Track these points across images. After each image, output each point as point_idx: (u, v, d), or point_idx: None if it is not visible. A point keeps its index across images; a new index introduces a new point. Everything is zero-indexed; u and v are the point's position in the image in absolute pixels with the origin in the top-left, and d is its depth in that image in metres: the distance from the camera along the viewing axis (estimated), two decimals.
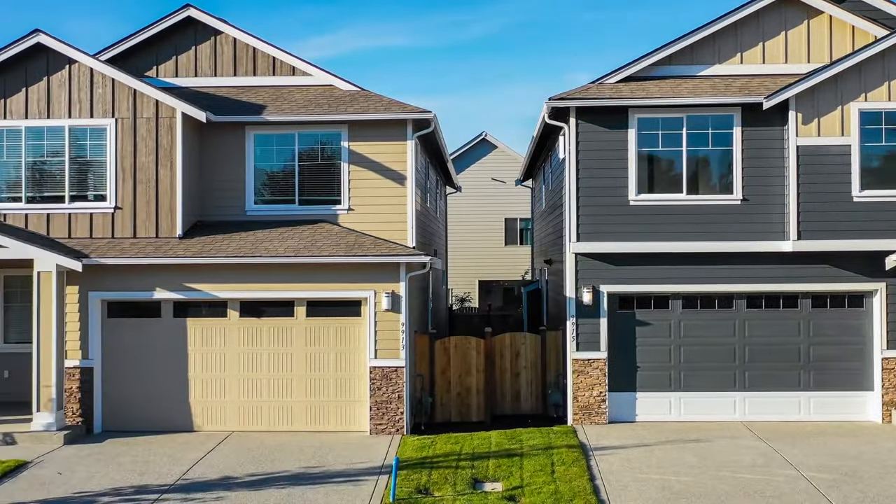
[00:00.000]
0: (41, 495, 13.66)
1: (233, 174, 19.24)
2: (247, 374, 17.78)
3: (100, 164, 18.51)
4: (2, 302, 20.12)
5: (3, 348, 20.13)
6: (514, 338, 20.18)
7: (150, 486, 14.12)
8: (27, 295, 19.93)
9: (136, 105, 18.41)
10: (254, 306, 17.83)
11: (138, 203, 18.39)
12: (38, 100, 18.54)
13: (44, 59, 18.52)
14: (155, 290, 17.59)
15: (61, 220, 18.48)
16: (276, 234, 18.40)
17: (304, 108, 19.19)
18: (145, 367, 17.83)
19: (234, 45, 20.60)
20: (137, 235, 18.39)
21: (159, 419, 17.73)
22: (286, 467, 15.18)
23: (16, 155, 18.59)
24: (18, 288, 20.12)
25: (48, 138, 18.54)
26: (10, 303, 20.26)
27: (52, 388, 17.09)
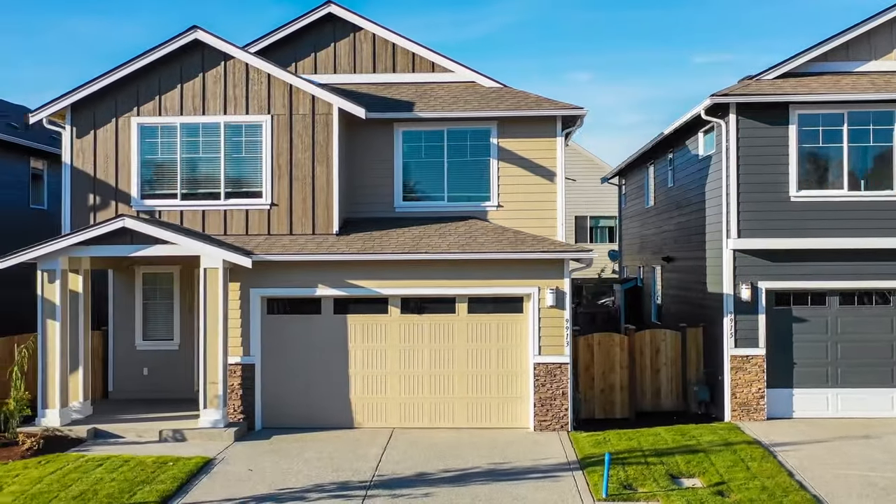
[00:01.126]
0: (247, 492, 13.65)
1: (381, 171, 19.23)
2: (407, 370, 17.74)
3: (255, 160, 18.50)
4: (141, 300, 20.09)
5: (141, 345, 20.10)
6: (653, 334, 20.13)
7: (351, 483, 14.11)
8: (165, 292, 20.03)
9: (293, 101, 18.40)
10: (415, 303, 17.79)
11: (294, 200, 18.37)
12: (192, 96, 18.53)
13: (199, 56, 18.50)
14: (317, 287, 17.55)
15: (216, 216, 18.47)
16: (432, 230, 18.38)
17: (454, 104, 19.17)
18: (305, 364, 17.80)
19: (373, 41, 20.59)
20: (294, 232, 18.38)
21: (319, 416, 17.70)
22: (474, 463, 15.15)
23: (171, 152, 18.58)
24: (157, 285, 20.11)
25: (203, 135, 18.54)
26: (147, 300, 20.23)
27: (219, 385, 17.08)
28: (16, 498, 13.22)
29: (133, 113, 18.55)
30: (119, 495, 13.36)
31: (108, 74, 18.32)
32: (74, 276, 17.59)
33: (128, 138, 18.55)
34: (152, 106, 18.55)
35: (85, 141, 18.60)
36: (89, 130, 18.59)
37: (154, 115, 18.53)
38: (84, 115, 18.58)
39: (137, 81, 18.51)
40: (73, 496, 13.31)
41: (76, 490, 13.57)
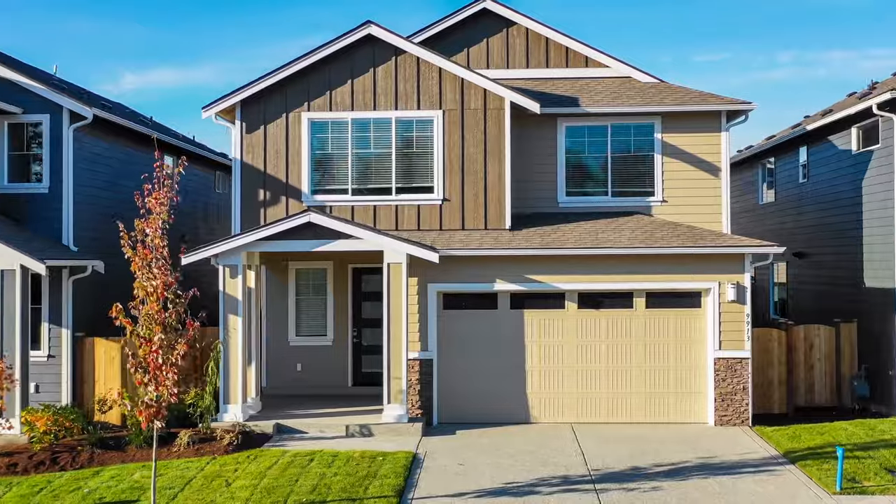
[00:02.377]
0: (472, 486, 13.64)
1: (543, 166, 19.21)
2: (584, 365, 17.74)
3: (426, 156, 18.50)
4: (294, 296, 20.11)
5: (294, 341, 20.12)
6: (807, 330, 20.06)
7: (571, 477, 14.10)
8: (318, 288, 20.02)
9: (464, 95, 18.39)
10: (592, 298, 17.77)
11: (466, 195, 18.37)
12: (363, 91, 18.52)
13: (370, 50, 18.50)
14: (495, 282, 17.54)
15: (388, 212, 18.48)
16: (602, 224, 18.37)
17: (617, 99, 19.15)
18: (480, 359, 17.79)
19: (526, 35, 20.57)
20: (466, 227, 18.38)
21: (495, 411, 17.69)
22: (680, 458, 15.13)
23: (341, 147, 18.59)
24: (310, 281, 20.12)
25: (374, 130, 18.52)
26: (300, 296, 20.23)
27: (402, 381, 17.09)
28: (252, 492, 13.24)
29: (303, 108, 18.55)
30: (352, 489, 13.38)
31: (278, 71, 18.32)
32: (247, 271, 17.61)
33: (298, 134, 18.55)
34: (323, 101, 18.55)
35: (254, 137, 18.61)
36: (259, 126, 18.59)
37: (324, 111, 18.53)
38: (254, 111, 18.59)
39: (308, 77, 18.51)
40: (307, 489, 13.34)
41: (307, 484, 13.59)
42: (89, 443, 15.64)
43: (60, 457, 15.12)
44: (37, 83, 18.09)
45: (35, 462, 14.90)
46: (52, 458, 15.06)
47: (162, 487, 13.60)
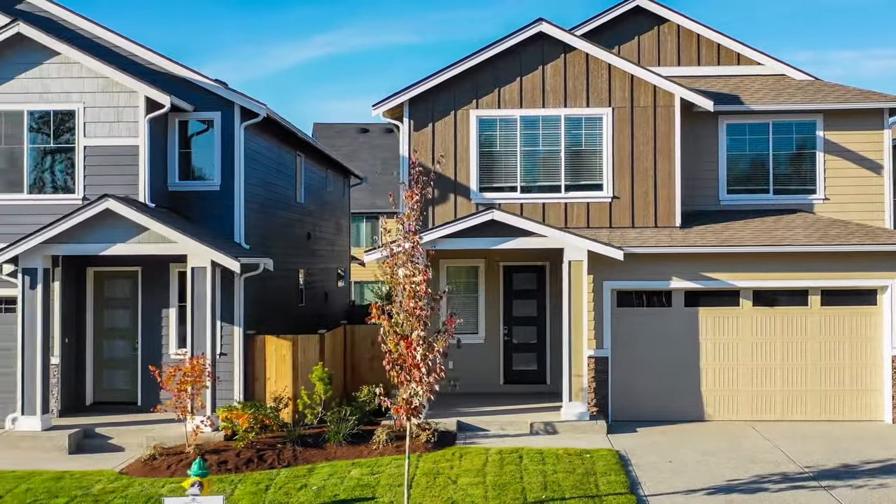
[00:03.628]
0: (699, 483, 13.62)
1: (705, 163, 19.20)
2: (758, 362, 17.73)
3: (594, 153, 18.50)
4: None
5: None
6: None
7: (789, 474, 14.09)
8: (470, 286, 20.07)
9: (633, 92, 18.38)
10: (766, 295, 17.76)
11: (636, 193, 18.37)
12: (532, 89, 18.53)
13: (539, 48, 18.50)
14: (671, 280, 17.54)
15: (557, 209, 18.48)
16: (770, 222, 18.37)
17: (778, 96, 19.15)
18: (654, 357, 17.79)
19: (678, 33, 20.56)
20: (635, 225, 18.38)
21: (668, 408, 17.69)
22: (884, 455, 15.12)
23: (510, 145, 18.59)
24: (461, 279, 20.11)
25: (543, 128, 18.53)
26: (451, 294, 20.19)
27: (584, 378, 17.11)
28: (484, 489, 13.26)
29: (472, 106, 18.55)
30: (581, 486, 13.39)
31: (446, 70, 18.35)
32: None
33: (466, 131, 18.55)
34: (491, 99, 18.55)
35: (422, 134, 18.61)
36: (427, 124, 18.60)
37: (493, 108, 18.54)
38: (421, 109, 18.59)
39: (475, 75, 18.51)
40: (538, 486, 13.37)
41: (535, 481, 13.61)
42: (289, 440, 15.65)
43: (266, 454, 15.13)
44: (208, 80, 18.09)
45: (243, 460, 14.92)
46: (259, 455, 15.07)
47: (388, 485, 13.63)
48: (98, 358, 18.32)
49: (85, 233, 16.29)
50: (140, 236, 16.32)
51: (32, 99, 17.20)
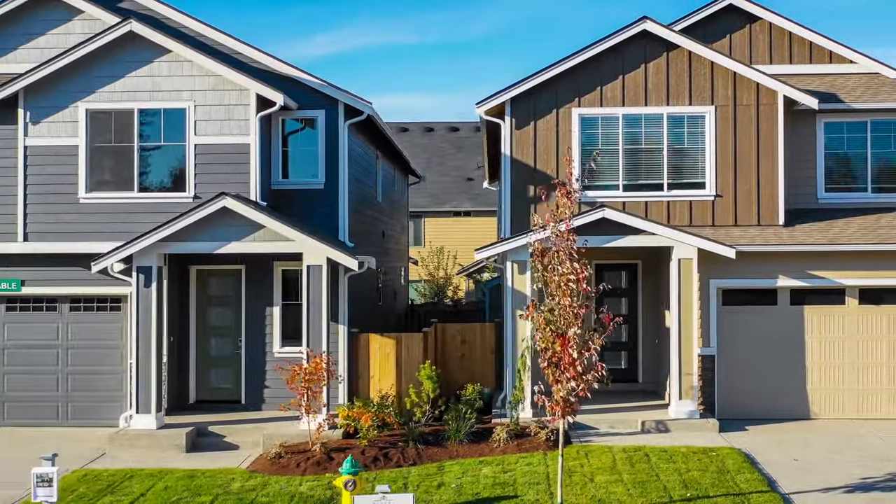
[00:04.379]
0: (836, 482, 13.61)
1: (803, 162, 19.16)
2: (864, 361, 17.69)
3: (697, 151, 18.48)
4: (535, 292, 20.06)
5: None
6: None
7: None
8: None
9: (736, 90, 18.35)
10: (872, 294, 17.73)
11: (739, 191, 18.35)
12: (634, 87, 18.51)
13: (641, 46, 18.48)
14: (777, 278, 17.52)
15: (659, 207, 18.46)
16: (876, 220, 18.36)
17: (876, 95, 19.14)
18: (758, 355, 17.76)
19: (769, 31, 20.53)
20: (739, 223, 18.35)
21: (773, 406, 17.65)
22: None
23: (611, 143, 18.57)
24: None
25: (645, 126, 18.51)
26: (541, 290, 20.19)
27: (694, 377, 17.10)
28: (625, 487, 13.27)
29: (573, 104, 18.53)
30: (719, 484, 13.41)
31: (548, 69, 18.33)
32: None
33: (568, 129, 18.53)
34: (592, 97, 18.53)
35: (524, 133, 18.60)
36: (528, 122, 18.58)
37: (594, 106, 18.52)
38: (522, 108, 18.57)
39: (577, 73, 18.49)
40: (676, 484, 13.41)
41: (671, 479, 13.63)
42: (410, 438, 15.64)
43: (390, 452, 15.12)
44: (315, 78, 18.08)
45: (370, 458, 14.91)
46: (384, 454, 15.06)
47: (526, 483, 13.63)
48: (201, 356, 18.30)
49: (200, 231, 16.28)
50: (255, 234, 16.32)
51: (142, 97, 17.18)
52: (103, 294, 17.84)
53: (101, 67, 17.17)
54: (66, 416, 17.96)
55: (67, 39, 18.12)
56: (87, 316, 17.99)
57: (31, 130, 17.22)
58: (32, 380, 17.94)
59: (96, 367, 17.90)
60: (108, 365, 17.89)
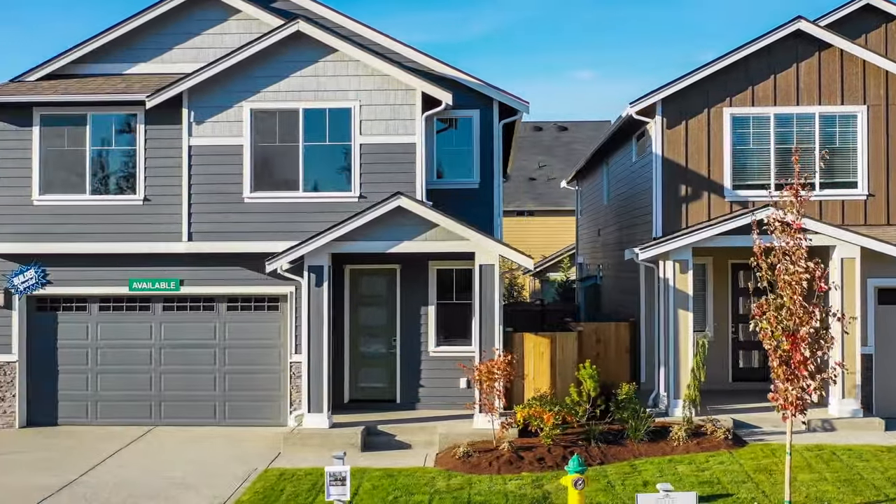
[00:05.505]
0: None
1: None
2: None
3: (849, 151, 18.52)
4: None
5: None
6: None
7: None
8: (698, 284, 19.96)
9: (888, 90, 18.38)
10: None
11: (891, 190, 18.40)
12: (786, 86, 18.54)
13: (793, 45, 18.51)
14: None
15: (810, 207, 18.28)
16: None
17: None
18: None
19: None
20: (891, 222, 18.38)
21: None
22: None
23: (763, 142, 18.61)
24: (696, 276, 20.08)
25: (797, 125, 18.54)
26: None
27: (857, 375, 17.13)
28: (836, 486, 13.30)
29: (724, 104, 18.58)
30: None
31: (700, 70, 18.43)
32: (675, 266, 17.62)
33: (719, 129, 18.57)
34: (743, 97, 18.58)
35: (674, 133, 18.64)
36: (679, 122, 18.62)
37: (746, 106, 18.57)
38: (672, 108, 18.64)
39: (728, 73, 18.54)
40: (882, 482, 13.47)
41: (875, 477, 13.76)
42: (591, 437, 15.67)
43: (575, 451, 15.11)
44: (471, 77, 18.11)
45: (557, 456, 14.92)
46: (570, 452, 15.05)
47: (732, 481, 13.65)
48: (354, 356, 18.31)
49: (372, 230, 16.31)
50: (427, 234, 16.35)
51: (307, 97, 17.20)
52: (261, 293, 17.89)
53: (265, 67, 17.18)
54: (224, 416, 18.00)
55: (223, 39, 18.20)
56: (245, 315, 18.03)
57: (195, 130, 17.25)
58: (189, 379, 17.98)
59: (254, 366, 17.94)
60: (265, 364, 17.93)
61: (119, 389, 18.06)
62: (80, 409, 18.11)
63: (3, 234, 17.79)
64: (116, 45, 18.33)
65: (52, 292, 17.99)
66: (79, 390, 18.10)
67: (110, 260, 17.78)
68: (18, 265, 17.91)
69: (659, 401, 18.00)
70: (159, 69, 18.36)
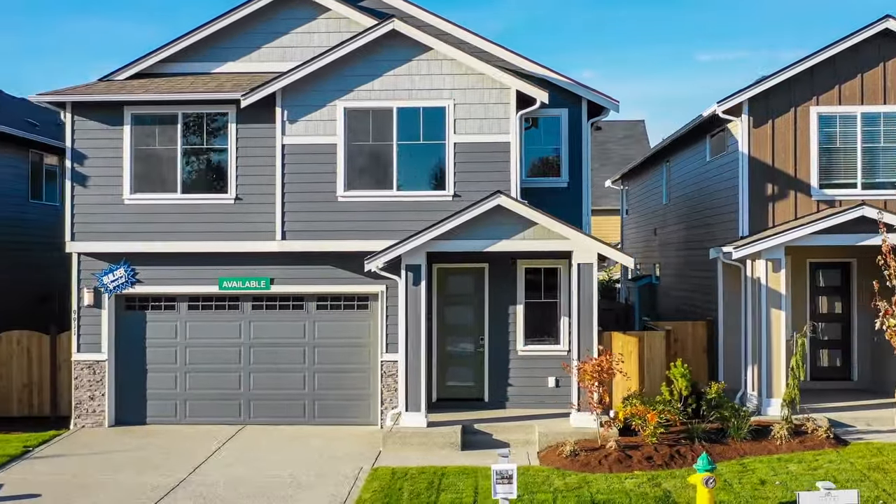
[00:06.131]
0: None
1: None
2: None
3: None
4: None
5: None
6: None
7: None
8: None
9: None
10: None
11: None
12: (872, 85, 18.53)
13: (877, 45, 18.51)
14: None
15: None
16: None
17: None
18: None
19: None
20: None
21: None
22: None
23: (850, 141, 18.59)
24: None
25: (884, 124, 18.54)
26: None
27: None
28: None
29: (811, 103, 18.57)
30: None
31: (787, 69, 18.37)
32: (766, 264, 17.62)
33: (806, 128, 18.56)
34: (829, 96, 18.57)
35: (760, 132, 18.63)
36: (765, 121, 18.61)
37: (832, 105, 18.55)
38: (759, 107, 18.61)
39: (814, 73, 18.53)
40: None
41: None
42: (693, 436, 15.66)
43: (680, 450, 15.13)
44: (560, 76, 18.12)
45: (664, 455, 14.92)
46: (676, 451, 15.07)
47: (845, 480, 13.63)
48: (441, 354, 18.30)
49: (470, 229, 16.31)
50: (524, 232, 16.35)
51: (401, 96, 17.19)
52: (351, 292, 17.90)
53: (359, 66, 17.17)
54: (313, 415, 18.01)
55: (311, 38, 18.20)
56: (334, 314, 18.04)
57: (288, 129, 17.24)
58: (278, 378, 18.00)
59: (343, 365, 17.96)
60: (354, 363, 17.95)
61: (208, 388, 18.07)
62: (169, 408, 18.13)
63: (93, 233, 17.80)
64: (203, 44, 18.33)
65: (140, 291, 18.00)
66: (167, 389, 18.11)
67: (200, 259, 17.80)
68: (108, 264, 17.92)
69: (747, 400, 18.00)
70: (246, 68, 18.36)
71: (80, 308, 17.99)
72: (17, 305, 21.60)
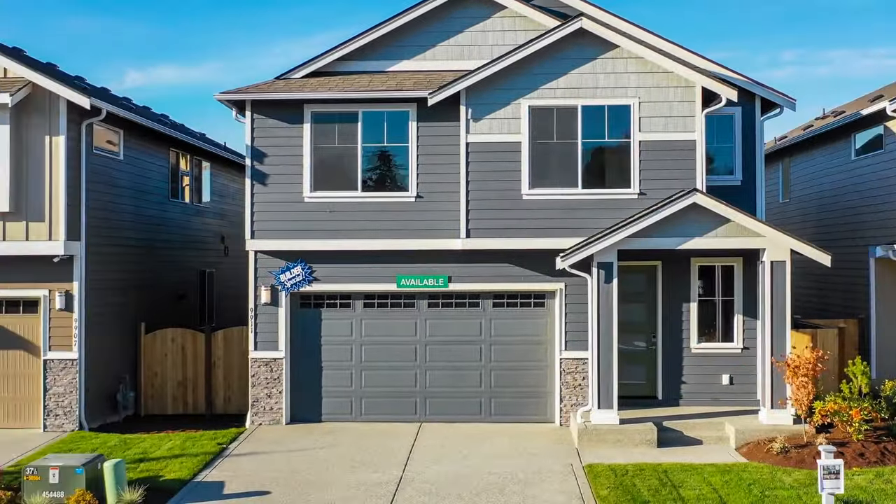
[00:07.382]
0: None
1: None
2: None
3: None
4: None
5: None
6: None
7: None
8: None
9: None
10: None
11: None
12: None
13: None
14: None
15: None
16: None
17: None
18: None
19: None
20: None
21: None
22: None
23: None
24: None
25: None
26: None
27: None
28: None
29: None
30: None
31: None
32: None
33: None
34: None
35: None
36: None
37: None
38: None
39: None
40: None
41: None
42: (893, 433, 15.68)
43: (888, 446, 15.16)
44: (735, 74, 18.13)
45: (874, 453, 14.95)
46: (884, 448, 15.11)
47: None
48: None
49: (662, 227, 16.33)
50: (718, 230, 16.35)
51: (585, 94, 17.21)
52: (528, 290, 17.95)
53: (543, 64, 17.20)
54: (489, 412, 18.06)
55: (485, 37, 18.26)
56: (511, 312, 18.08)
57: (472, 127, 17.28)
58: (454, 376, 18.05)
59: (519, 362, 18.02)
60: (531, 360, 18.00)
61: (383, 386, 18.13)
62: (344, 405, 18.19)
63: (272, 231, 17.87)
64: (378, 43, 18.41)
65: (315, 289, 18.06)
66: (343, 387, 18.18)
67: (377, 257, 17.85)
68: (285, 262, 17.98)
69: None
70: (420, 66, 18.43)
71: (256, 306, 18.05)
72: (163, 304, 21.69)
